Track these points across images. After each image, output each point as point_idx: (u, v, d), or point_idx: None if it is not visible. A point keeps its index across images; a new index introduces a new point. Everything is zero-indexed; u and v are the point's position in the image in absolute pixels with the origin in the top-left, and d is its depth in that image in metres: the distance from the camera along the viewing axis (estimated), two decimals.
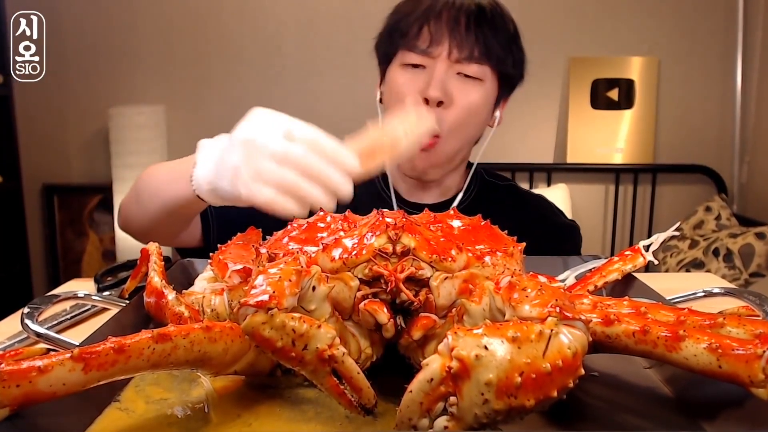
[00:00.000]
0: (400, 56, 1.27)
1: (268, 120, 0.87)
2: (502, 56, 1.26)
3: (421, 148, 1.21)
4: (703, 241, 2.79)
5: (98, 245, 3.32)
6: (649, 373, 0.71)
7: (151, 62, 3.20)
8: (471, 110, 1.24)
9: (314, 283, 0.60)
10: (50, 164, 3.27)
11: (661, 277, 1.61)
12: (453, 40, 1.22)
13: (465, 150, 1.33)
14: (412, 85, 1.24)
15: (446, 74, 1.22)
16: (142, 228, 1.18)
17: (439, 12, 1.24)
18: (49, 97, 3.13)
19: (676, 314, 0.64)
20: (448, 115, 1.22)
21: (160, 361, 0.55)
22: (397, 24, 1.28)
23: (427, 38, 1.23)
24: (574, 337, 0.51)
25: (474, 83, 1.24)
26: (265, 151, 0.82)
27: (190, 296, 0.79)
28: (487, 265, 0.68)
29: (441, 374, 0.50)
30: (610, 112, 3.22)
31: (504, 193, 1.44)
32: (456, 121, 1.23)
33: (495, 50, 1.24)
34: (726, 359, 0.53)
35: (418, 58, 1.24)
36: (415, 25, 1.24)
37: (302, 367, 0.56)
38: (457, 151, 1.30)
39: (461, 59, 1.22)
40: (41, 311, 0.85)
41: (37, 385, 0.50)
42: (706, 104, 3.23)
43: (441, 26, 1.22)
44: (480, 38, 1.23)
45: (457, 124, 1.24)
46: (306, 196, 0.81)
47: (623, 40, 3.20)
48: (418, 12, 1.25)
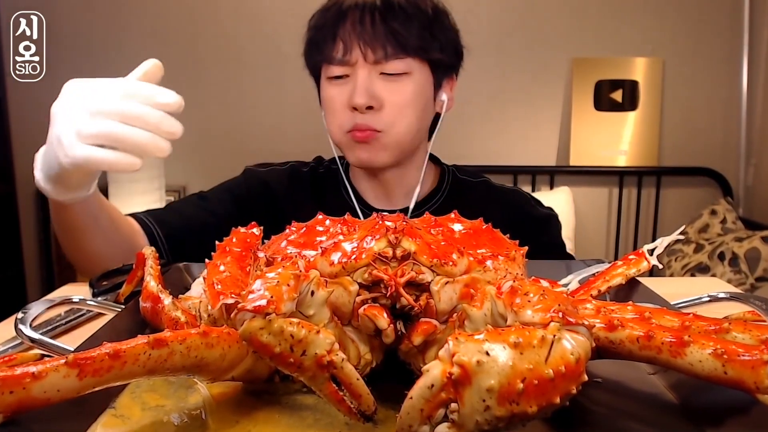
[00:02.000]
0: (324, 70, 1.28)
1: (78, 85, 0.90)
2: (423, 44, 1.24)
3: (355, 140, 1.24)
4: (708, 245, 2.79)
5: None
6: (654, 379, 0.71)
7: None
8: (403, 105, 1.24)
9: (313, 288, 0.60)
10: None
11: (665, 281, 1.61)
12: (364, 42, 1.21)
13: (414, 137, 1.31)
14: (339, 96, 1.25)
15: (369, 78, 1.22)
16: (73, 260, 1.17)
17: (345, 16, 1.23)
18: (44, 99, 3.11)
19: (680, 319, 0.64)
20: (382, 117, 1.23)
21: (156, 367, 0.55)
22: (313, 38, 1.30)
23: (341, 47, 1.23)
24: (577, 343, 0.51)
25: (401, 79, 1.23)
26: (79, 110, 0.84)
27: (187, 301, 0.79)
28: (488, 270, 0.68)
29: (442, 380, 0.50)
30: (613, 113, 3.22)
31: (479, 191, 1.44)
32: (391, 119, 1.23)
33: (411, 41, 1.23)
34: (731, 365, 0.53)
35: (339, 69, 1.24)
36: (328, 36, 1.25)
37: (301, 373, 0.56)
38: (401, 139, 1.28)
39: (378, 59, 1.22)
40: (35, 316, 0.85)
41: (31, 391, 0.50)
42: (712, 106, 3.23)
43: (349, 31, 1.22)
44: (390, 34, 1.21)
45: (393, 121, 1.24)
46: (126, 140, 0.82)
47: (627, 40, 3.21)
48: (328, 22, 1.26)
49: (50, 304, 0.90)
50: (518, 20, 3.20)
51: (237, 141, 3.22)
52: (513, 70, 3.21)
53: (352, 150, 1.29)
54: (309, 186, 1.44)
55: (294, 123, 3.17)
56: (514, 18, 3.19)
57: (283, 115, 3.21)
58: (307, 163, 1.49)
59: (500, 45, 3.17)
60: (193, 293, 0.87)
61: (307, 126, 3.12)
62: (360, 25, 1.21)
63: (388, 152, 1.28)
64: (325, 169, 1.47)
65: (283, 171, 1.46)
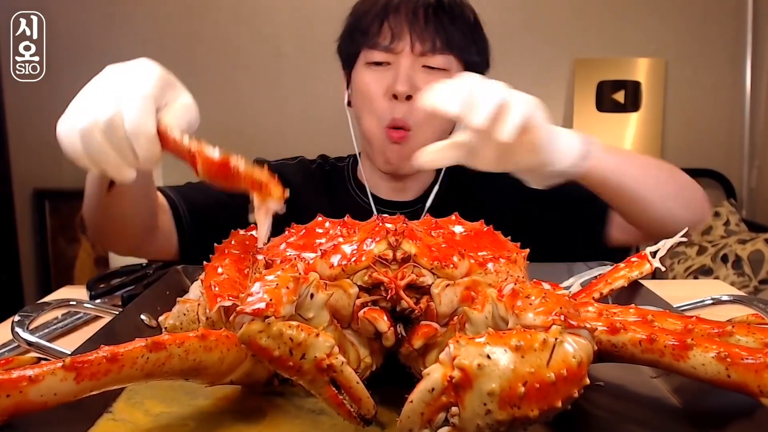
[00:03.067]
0: (363, 55, 1.30)
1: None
2: (465, 45, 1.30)
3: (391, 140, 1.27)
4: (711, 248, 2.79)
5: (90, 251, 3.32)
6: (656, 383, 0.71)
7: None
8: None
9: (312, 291, 0.60)
10: (41, 168, 3.27)
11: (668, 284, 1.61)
12: (414, 33, 1.25)
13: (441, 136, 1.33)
14: (378, 83, 1.27)
15: (412, 68, 1.25)
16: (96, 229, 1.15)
17: (397, 7, 1.27)
18: (40, 99, 3.12)
19: (683, 322, 0.64)
20: (418, 109, 1.23)
21: (154, 370, 0.55)
22: (356, 24, 1.32)
23: (388, 34, 1.26)
24: (579, 346, 0.51)
25: (440, 74, 1.26)
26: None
27: (185, 303, 0.79)
28: (489, 272, 0.68)
29: (442, 384, 0.50)
30: (616, 114, 3.22)
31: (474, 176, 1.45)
32: (426, 115, 1.25)
33: (457, 39, 1.28)
34: (735, 368, 0.54)
35: (382, 55, 1.27)
36: (375, 22, 1.27)
37: (300, 377, 0.56)
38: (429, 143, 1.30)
39: (425, 51, 1.25)
40: (32, 319, 0.85)
41: (27, 395, 0.50)
42: (715, 107, 3.23)
43: (400, 21, 1.26)
44: (440, 29, 1.26)
45: (427, 117, 1.26)
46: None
47: (629, 40, 3.20)
48: (376, 9, 1.29)
49: (47, 307, 0.90)
50: (520, 20, 3.20)
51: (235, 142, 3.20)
52: (514, 71, 3.20)
53: (383, 150, 1.31)
54: (321, 181, 1.45)
55: (293, 124, 3.17)
56: (516, 18, 3.19)
57: (282, 116, 3.21)
58: (314, 160, 1.50)
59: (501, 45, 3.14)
60: (191, 296, 0.87)
61: (306, 127, 3.13)
62: (413, 16, 1.25)
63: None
64: (331, 166, 1.48)
65: (294, 165, 1.47)
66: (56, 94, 3.32)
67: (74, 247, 3.32)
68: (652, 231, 1.17)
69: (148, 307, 0.87)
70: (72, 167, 0.84)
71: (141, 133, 0.75)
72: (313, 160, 1.50)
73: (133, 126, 0.75)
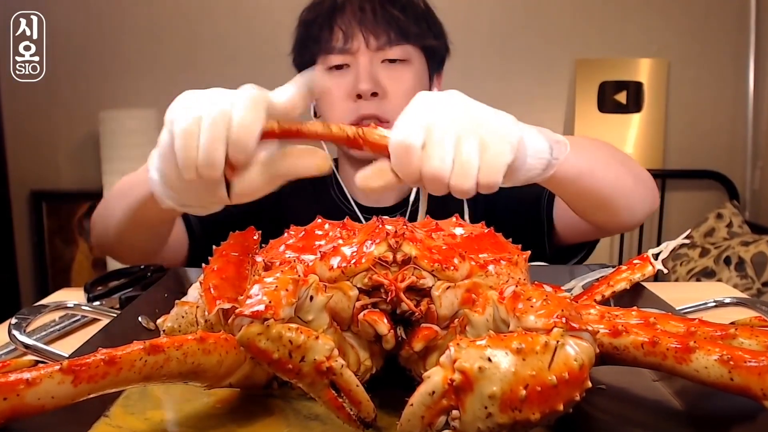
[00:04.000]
0: (321, 62, 1.29)
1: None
2: (420, 32, 1.29)
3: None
4: (714, 250, 2.79)
5: (88, 254, 3.32)
6: (659, 386, 0.71)
7: (143, 64, 3.21)
8: (406, 93, 1.26)
9: (312, 293, 0.60)
10: (38, 170, 3.27)
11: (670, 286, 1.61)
12: (365, 29, 1.25)
13: None
14: (340, 87, 1.26)
15: (371, 65, 1.25)
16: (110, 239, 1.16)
17: (343, 6, 1.27)
18: (37, 100, 3.13)
19: (686, 325, 0.64)
20: (387, 105, 1.25)
21: (152, 373, 0.55)
22: (307, 32, 1.31)
23: (340, 35, 1.26)
24: (581, 349, 0.51)
25: (402, 66, 1.27)
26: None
27: (183, 306, 0.79)
28: (490, 274, 0.68)
29: (443, 387, 0.50)
30: (617, 115, 3.22)
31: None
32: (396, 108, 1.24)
33: (410, 27, 1.27)
34: (738, 371, 0.54)
35: (339, 57, 1.26)
36: (325, 27, 1.27)
37: (299, 380, 0.56)
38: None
39: (381, 46, 1.25)
40: (29, 322, 0.85)
41: (24, 398, 0.50)
42: (718, 107, 3.23)
43: (349, 19, 1.25)
44: (391, 20, 1.25)
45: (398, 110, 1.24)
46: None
47: (632, 41, 3.20)
48: (322, 14, 1.28)
49: (44, 310, 0.90)
50: (520, 20, 3.20)
51: None
52: (515, 72, 3.21)
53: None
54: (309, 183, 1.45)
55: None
56: (517, 18, 3.19)
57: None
58: None
59: (502, 46, 3.17)
60: (190, 298, 0.87)
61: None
62: (361, 13, 1.25)
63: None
64: None
65: None
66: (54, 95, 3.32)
67: (72, 249, 3.32)
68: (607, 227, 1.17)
69: (146, 310, 0.88)
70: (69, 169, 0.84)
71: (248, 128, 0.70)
72: None
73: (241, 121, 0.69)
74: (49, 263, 3.34)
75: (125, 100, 3.18)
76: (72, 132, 3.24)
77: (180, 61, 3.21)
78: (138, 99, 3.19)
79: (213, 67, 3.21)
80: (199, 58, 3.22)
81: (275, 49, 3.17)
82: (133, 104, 3.14)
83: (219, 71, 3.22)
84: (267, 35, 3.20)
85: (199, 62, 3.21)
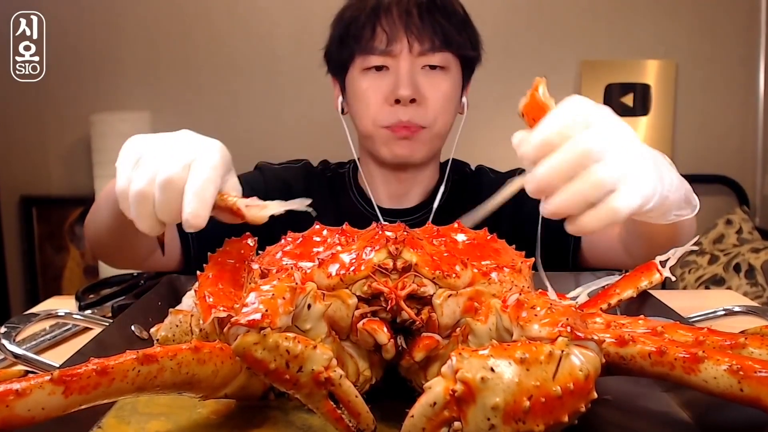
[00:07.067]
0: (359, 62, 1.30)
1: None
2: (461, 41, 1.31)
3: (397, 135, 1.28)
4: (723, 256, 2.79)
5: (79, 261, 3.31)
6: (666, 397, 0.71)
7: (136, 66, 3.21)
8: (445, 100, 1.29)
9: (309, 301, 0.60)
10: (28, 174, 3.27)
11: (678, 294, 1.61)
12: (410, 33, 1.26)
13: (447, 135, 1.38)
14: (378, 89, 1.28)
15: (412, 70, 1.26)
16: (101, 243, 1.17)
17: (389, 7, 1.27)
18: (27, 103, 3.13)
19: (694, 334, 0.64)
20: (426, 111, 1.27)
21: (145, 383, 0.55)
22: (346, 30, 1.32)
23: (383, 37, 1.26)
24: (586, 359, 0.51)
25: (441, 73, 1.29)
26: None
27: (178, 314, 0.79)
28: (493, 282, 0.68)
29: (444, 398, 0.50)
30: (624, 118, 3.12)
31: (477, 179, 1.50)
32: (434, 114, 1.28)
33: (453, 35, 1.29)
34: (748, 382, 0.54)
35: (379, 59, 1.27)
36: (367, 26, 1.28)
37: (297, 391, 0.56)
38: (443, 135, 1.35)
39: (424, 51, 1.26)
40: (19, 331, 0.86)
41: (14, 409, 0.50)
42: (727, 111, 3.23)
43: (394, 22, 1.26)
44: (437, 26, 1.27)
45: (436, 117, 1.29)
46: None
47: (638, 42, 3.21)
48: (366, 13, 1.29)
49: (34, 318, 0.90)
50: (525, 21, 3.21)
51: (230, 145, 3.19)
52: (520, 73, 3.20)
53: (389, 145, 1.31)
54: (326, 186, 1.45)
55: (289, 128, 3.17)
56: (521, 19, 3.20)
57: (277, 120, 3.21)
58: (317, 166, 1.50)
59: (506, 47, 3.17)
60: (184, 306, 0.87)
61: (302, 130, 3.13)
62: (407, 16, 1.26)
63: (427, 147, 1.33)
64: (332, 172, 1.48)
65: (298, 169, 1.47)
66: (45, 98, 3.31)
67: (63, 256, 3.32)
68: (638, 261, 1.16)
69: (139, 318, 0.87)
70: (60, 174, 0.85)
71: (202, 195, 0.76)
72: (316, 165, 1.51)
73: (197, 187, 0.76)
74: (40, 271, 3.33)
75: (117, 103, 3.17)
76: (63, 136, 3.23)
77: (174, 62, 3.22)
78: (130, 102, 3.18)
79: (209, 68, 3.22)
80: (194, 58, 3.22)
81: (271, 50, 3.20)
82: (125, 107, 3.14)
83: (215, 72, 3.22)
84: (264, 36, 3.21)
85: (194, 63, 3.22)
